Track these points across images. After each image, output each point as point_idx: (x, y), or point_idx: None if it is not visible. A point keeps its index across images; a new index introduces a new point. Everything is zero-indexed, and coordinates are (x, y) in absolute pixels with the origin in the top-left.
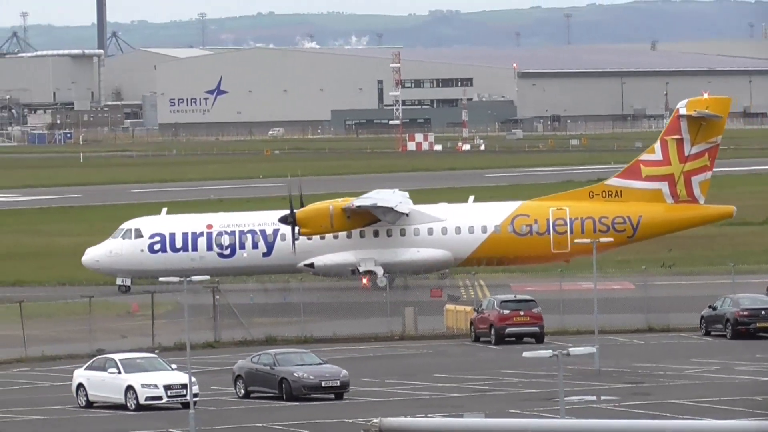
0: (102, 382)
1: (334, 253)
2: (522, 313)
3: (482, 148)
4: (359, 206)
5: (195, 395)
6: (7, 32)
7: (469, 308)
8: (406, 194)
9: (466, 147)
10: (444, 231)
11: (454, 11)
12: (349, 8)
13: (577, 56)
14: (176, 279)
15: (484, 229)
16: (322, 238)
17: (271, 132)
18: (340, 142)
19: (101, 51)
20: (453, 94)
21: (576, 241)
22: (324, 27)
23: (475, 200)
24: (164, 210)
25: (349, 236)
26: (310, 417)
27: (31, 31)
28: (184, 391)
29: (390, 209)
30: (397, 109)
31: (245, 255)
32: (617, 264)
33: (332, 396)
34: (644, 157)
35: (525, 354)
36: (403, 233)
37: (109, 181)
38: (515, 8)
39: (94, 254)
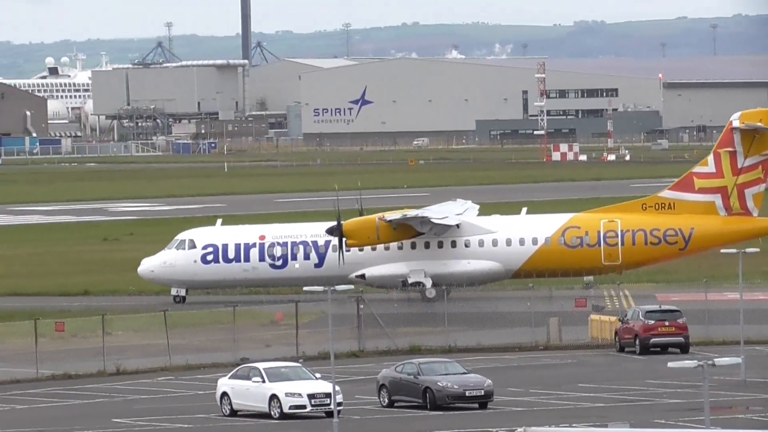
0: (246, 391)
1: (384, 264)
2: (667, 323)
3: (627, 158)
4: (390, 220)
5: (339, 404)
6: (152, 42)
7: (613, 318)
8: (475, 206)
9: (611, 157)
10: (495, 243)
11: (599, 21)
12: (494, 19)
13: (723, 67)
14: (320, 288)
15: (534, 241)
16: (373, 249)
17: (415, 142)
18: (485, 152)
19: (246, 61)
20: (598, 105)
21: (722, 251)
22: (468, 37)
23: (527, 212)
24: (219, 221)
25: (400, 247)
26: (453, 426)
27: (176, 42)
28: (327, 400)
29: (425, 220)
30: (542, 120)
31: (297, 266)
32: (763, 275)
33: (476, 405)
34: (697, 169)
35: (670, 364)
36: (454, 245)
37: (253, 191)
38: (661, 19)
39: (149, 264)
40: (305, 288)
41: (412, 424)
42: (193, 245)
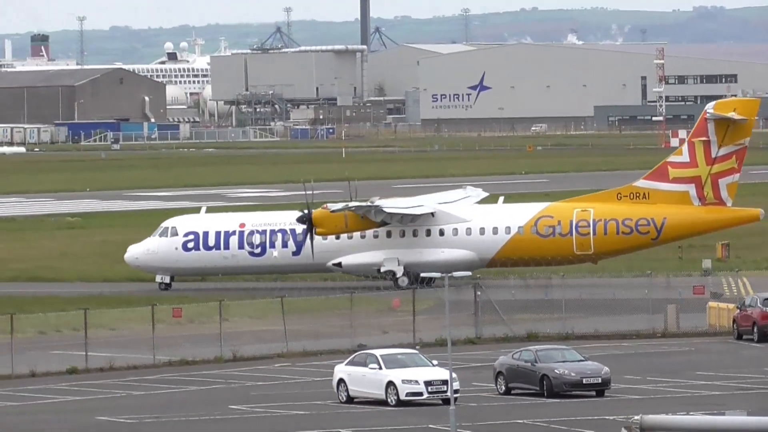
0: (363, 378)
1: (360, 252)
2: None
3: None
4: (333, 210)
5: (456, 391)
6: (271, 28)
7: (732, 306)
8: (480, 195)
9: None
10: (468, 232)
11: (719, 7)
12: (612, 4)
13: None
14: (438, 275)
15: (507, 230)
16: (350, 237)
17: (533, 128)
18: (603, 138)
19: (364, 47)
20: (717, 91)
21: None
22: (586, 23)
23: (504, 201)
24: (203, 209)
25: (376, 236)
26: (570, 414)
27: (295, 27)
28: (444, 387)
29: (373, 209)
30: (661, 106)
31: (275, 254)
32: None
33: (593, 393)
34: (672, 159)
35: None
36: (428, 233)
37: (371, 177)
38: None
39: (134, 252)
40: (422, 274)
41: (529, 412)
42: (175, 233)
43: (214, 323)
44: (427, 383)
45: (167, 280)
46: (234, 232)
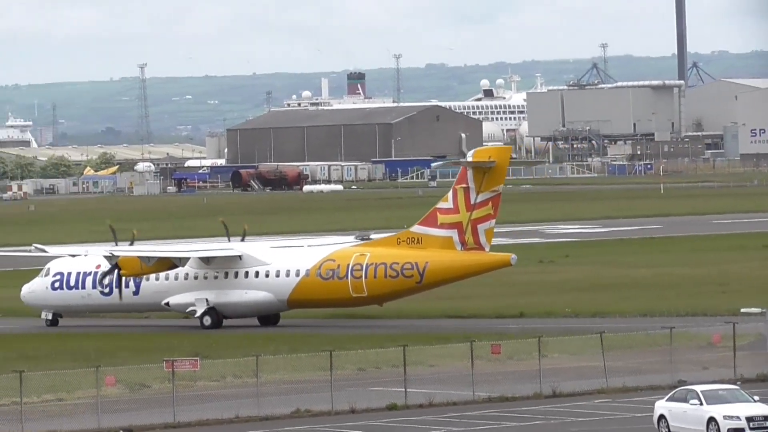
0: (684, 414)
1: (180, 293)
2: None
3: None
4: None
5: None
6: (587, 64)
7: None
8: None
9: None
10: (267, 274)
11: None
12: None
13: None
14: (757, 310)
15: (297, 273)
16: (176, 278)
17: None
18: None
19: (682, 82)
20: None
21: None
22: None
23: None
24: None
25: (195, 277)
26: None
27: (611, 62)
28: (767, 423)
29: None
30: None
31: (117, 294)
32: None
33: None
34: (440, 205)
35: None
36: (236, 275)
37: (689, 212)
38: None
39: (24, 290)
40: (742, 310)
41: None
42: (47, 273)
43: (532, 359)
44: (749, 419)
45: (50, 316)
46: (90, 273)
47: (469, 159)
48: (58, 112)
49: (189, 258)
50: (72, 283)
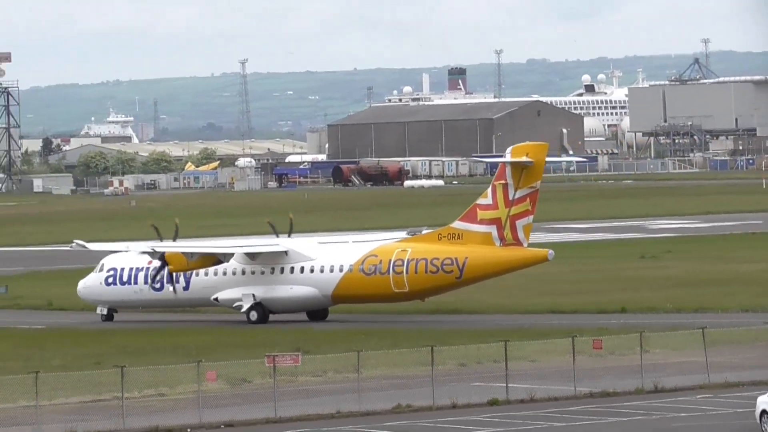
0: None
1: (229, 288)
2: None
3: None
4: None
5: None
6: (688, 59)
7: None
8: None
9: None
10: (312, 270)
11: None
12: None
13: None
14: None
15: (341, 269)
16: (224, 273)
17: None
18: None
19: None
20: None
21: None
22: None
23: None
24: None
25: (243, 272)
26: None
27: (713, 57)
28: None
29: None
30: None
31: (171, 289)
32: None
33: None
34: (480, 201)
35: None
36: (282, 271)
37: None
38: None
39: (80, 285)
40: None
41: None
42: (101, 268)
43: (634, 354)
44: None
45: (105, 311)
46: (142, 269)
47: (507, 156)
48: (159, 108)
49: (233, 254)
50: (125, 278)
